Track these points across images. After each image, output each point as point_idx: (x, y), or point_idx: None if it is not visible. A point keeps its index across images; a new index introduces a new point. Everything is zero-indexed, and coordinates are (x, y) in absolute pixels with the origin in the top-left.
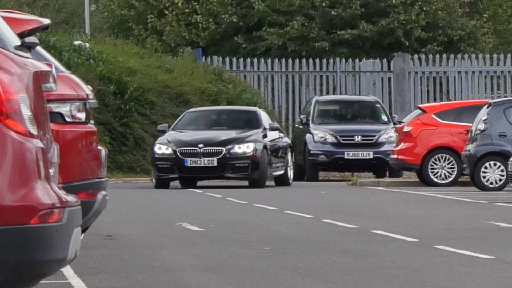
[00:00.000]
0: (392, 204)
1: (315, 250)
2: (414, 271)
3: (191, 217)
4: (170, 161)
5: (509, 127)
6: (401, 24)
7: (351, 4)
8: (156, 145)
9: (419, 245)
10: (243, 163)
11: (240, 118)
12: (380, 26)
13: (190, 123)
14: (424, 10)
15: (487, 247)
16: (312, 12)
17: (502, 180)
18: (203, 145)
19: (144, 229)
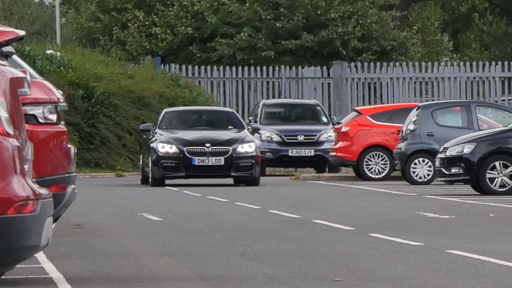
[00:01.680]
0: (331, 197)
1: (262, 238)
2: (350, 256)
3: (151, 208)
4: (177, 160)
5: (436, 127)
6: (339, 35)
7: (294, 17)
8: (159, 144)
9: (355, 233)
10: (247, 162)
11: (221, 118)
12: (321, 37)
13: (174, 122)
14: (360, 23)
15: (416, 235)
16: (259, 24)
17: (430, 175)
18: (210, 145)
19: (109, 219)
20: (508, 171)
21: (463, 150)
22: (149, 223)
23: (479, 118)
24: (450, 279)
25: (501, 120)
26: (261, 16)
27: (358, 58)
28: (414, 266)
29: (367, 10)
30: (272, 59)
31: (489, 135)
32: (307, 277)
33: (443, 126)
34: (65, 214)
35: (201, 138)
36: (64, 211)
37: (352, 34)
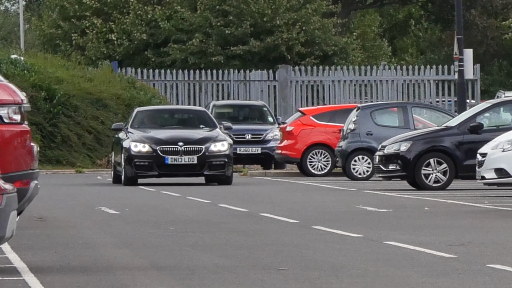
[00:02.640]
0: (277, 192)
1: (213, 230)
2: (295, 247)
3: (109, 202)
4: (149, 159)
5: (375, 127)
6: (284, 41)
7: (242, 24)
8: (132, 142)
9: (299, 226)
10: (220, 161)
11: (192, 117)
12: (267, 43)
13: (146, 121)
14: (304, 29)
15: (356, 227)
16: (210, 30)
17: (369, 171)
18: (183, 143)
19: (70, 212)
20: (442, 167)
21: (400, 148)
22: (107, 216)
23: (415, 118)
24: (388, 268)
25: (435, 120)
26: (211, 23)
27: (302, 62)
28: (354, 256)
29: (310, 18)
30: (222, 63)
31: (424, 134)
32: (254, 266)
33: (381, 125)
34: (29, 208)
35: (174, 137)
36: (28, 205)
37: (296, 40)
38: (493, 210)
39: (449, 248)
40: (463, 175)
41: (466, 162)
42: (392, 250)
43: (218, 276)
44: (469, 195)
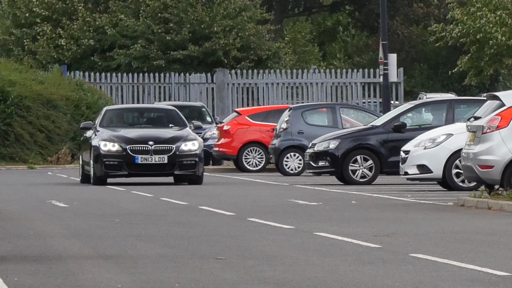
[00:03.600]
0: (215, 186)
1: (155, 222)
2: (231, 238)
3: (58, 196)
4: (119, 158)
5: (306, 126)
6: (221, 46)
7: (181, 31)
8: (101, 142)
9: (236, 218)
10: (191, 160)
11: (162, 116)
12: (205, 48)
13: (115, 120)
14: (239, 35)
15: (288, 219)
16: (151, 37)
17: (300, 167)
18: (153, 143)
19: (22, 205)
20: (368, 164)
21: (329, 145)
22: (57, 209)
23: (343, 118)
24: (318, 257)
25: (362, 119)
26: (153, 30)
27: (238, 66)
28: (287, 246)
29: (246, 24)
30: (163, 67)
31: (352, 132)
32: (194, 255)
33: (312, 125)
34: None
35: (144, 136)
36: None
37: (233, 45)
38: (416, 203)
39: (375, 238)
40: (387, 171)
41: (391, 158)
42: (322, 241)
43: (160, 265)
44: (393, 189)
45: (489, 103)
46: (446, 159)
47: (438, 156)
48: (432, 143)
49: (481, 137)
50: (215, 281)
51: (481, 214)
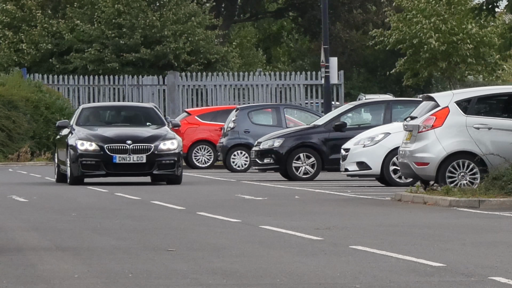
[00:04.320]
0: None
1: (110, 216)
2: (182, 231)
3: (19, 191)
4: (97, 158)
5: (252, 125)
6: (172, 50)
7: (134, 35)
8: (78, 141)
9: (186, 212)
10: (170, 160)
11: (139, 114)
12: (156, 51)
13: (92, 119)
14: (189, 40)
15: (235, 213)
16: (106, 41)
17: (247, 164)
18: (132, 142)
19: None
20: (310, 161)
21: (273, 144)
22: (17, 203)
23: (287, 118)
24: (263, 249)
25: (304, 119)
26: (107, 35)
27: (188, 69)
28: (234, 238)
29: (195, 29)
30: (117, 70)
31: (295, 132)
32: (146, 247)
33: (257, 124)
34: None
35: (122, 135)
36: None
37: (183, 49)
38: (355, 198)
39: (317, 231)
40: (329, 168)
41: (332, 156)
42: (267, 233)
43: (114, 256)
44: (334, 185)
45: (425, 103)
46: (384, 157)
47: (376, 154)
48: (371, 141)
49: (417, 135)
50: (166, 272)
51: (417, 208)
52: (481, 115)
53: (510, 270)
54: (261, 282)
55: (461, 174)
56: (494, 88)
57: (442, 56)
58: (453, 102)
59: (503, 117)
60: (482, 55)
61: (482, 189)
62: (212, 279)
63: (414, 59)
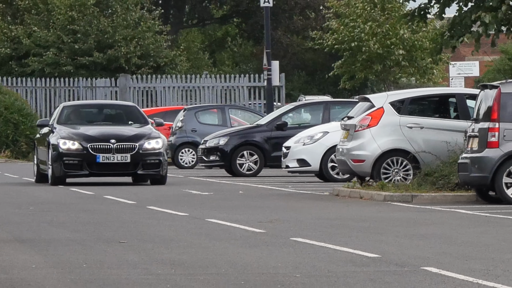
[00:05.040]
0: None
1: (65, 209)
2: (133, 224)
3: None
4: (79, 157)
5: (199, 125)
6: (123, 54)
7: (88, 40)
8: (60, 139)
9: (137, 206)
10: (154, 159)
11: (121, 113)
12: (109, 55)
13: (73, 117)
14: (140, 44)
15: (183, 207)
16: (62, 46)
17: (194, 161)
18: (116, 141)
19: None
20: (253, 158)
21: (219, 142)
22: None
23: (231, 118)
24: (209, 241)
25: (248, 119)
26: (63, 40)
27: (138, 72)
28: (181, 231)
29: (145, 34)
30: (72, 72)
31: (239, 131)
32: (99, 239)
33: (204, 124)
34: None
35: (106, 133)
36: None
37: (133, 53)
38: (296, 193)
39: (260, 224)
40: (271, 165)
41: (274, 153)
42: (213, 226)
43: (70, 247)
44: (276, 181)
45: (361, 104)
46: (322, 154)
47: (315, 151)
48: (310, 140)
49: (354, 134)
50: (118, 262)
51: (353, 202)
52: (413, 115)
53: (441, 261)
54: (207, 272)
55: (395, 170)
56: (425, 89)
57: (377, 59)
58: (387, 103)
59: (434, 117)
60: (414, 59)
61: (414, 184)
62: (161, 269)
63: (350, 62)
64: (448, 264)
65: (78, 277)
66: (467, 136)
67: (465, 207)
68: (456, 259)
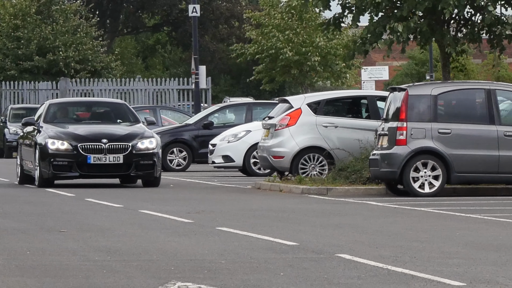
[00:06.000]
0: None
1: (10, 201)
2: (72, 214)
3: None
4: (69, 158)
5: None
6: (63, 58)
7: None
8: (48, 139)
9: (76, 198)
10: (148, 160)
11: (109, 110)
12: (49, 60)
13: (60, 115)
14: (78, 49)
15: (119, 199)
16: (6, 52)
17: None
18: (107, 140)
19: None
20: (182, 155)
21: None
22: None
23: (163, 118)
24: (142, 230)
25: (177, 119)
26: (8, 46)
27: (77, 75)
28: (117, 221)
29: (83, 40)
30: (16, 76)
31: (169, 129)
32: (42, 229)
33: None
34: None
35: (96, 133)
36: None
37: (72, 58)
38: (221, 186)
39: (188, 215)
40: (198, 160)
41: (201, 150)
42: (145, 217)
43: (14, 236)
44: (203, 175)
45: (280, 105)
46: (245, 151)
47: (239, 148)
48: (235, 138)
49: (274, 133)
50: (59, 249)
51: (274, 195)
52: (328, 115)
53: (354, 248)
54: (140, 258)
55: (311, 166)
56: (339, 92)
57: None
58: (304, 104)
59: (347, 117)
60: (329, 64)
61: (329, 178)
62: (98, 256)
63: (270, 67)
64: (360, 251)
65: (22, 263)
66: (378, 134)
67: (375, 199)
68: (368, 247)
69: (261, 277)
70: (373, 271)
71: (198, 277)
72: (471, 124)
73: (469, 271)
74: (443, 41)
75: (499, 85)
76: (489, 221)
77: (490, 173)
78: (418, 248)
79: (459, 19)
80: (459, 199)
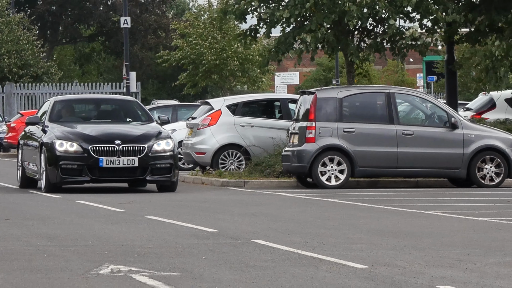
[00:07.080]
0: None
1: None
2: (16, 205)
3: None
4: (79, 161)
5: None
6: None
7: None
8: (56, 140)
9: (19, 191)
10: (165, 163)
11: (118, 108)
12: None
13: (66, 113)
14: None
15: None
16: None
17: None
18: (121, 142)
19: None
20: None
21: None
22: None
23: None
24: (79, 218)
25: None
26: None
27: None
28: (56, 211)
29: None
30: None
31: None
32: None
33: None
34: None
35: (109, 133)
36: None
37: (15, 64)
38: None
39: (120, 205)
40: None
41: None
42: (82, 206)
43: None
44: None
45: (203, 107)
46: None
47: None
48: None
49: (197, 131)
50: (5, 236)
51: (196, 187)
52: (246, 116)
53: (268, 235)
54: (77, 244)
55: (230, 161)
56: (255, 95)
57: (215, 70)
58: (224, 106)
59: (262, 117)
60: (246, 70)
61: (246, 172)
62: (39, 242)
63: (194, 73)
64: (274, 237)
65: None
66: (289, 133)
67: (287, 191)
68: (280, 233)
69: (185, 260)
70: (285, 255)
71: (129, 260)
72: (372, 123)
73: (371, 255)
74: (347, 50)
75: (398, 89)
76: (389, 210)
77: (390, 167)
78: (325, 235)
79: (362, 30)
80: (362, 191)
